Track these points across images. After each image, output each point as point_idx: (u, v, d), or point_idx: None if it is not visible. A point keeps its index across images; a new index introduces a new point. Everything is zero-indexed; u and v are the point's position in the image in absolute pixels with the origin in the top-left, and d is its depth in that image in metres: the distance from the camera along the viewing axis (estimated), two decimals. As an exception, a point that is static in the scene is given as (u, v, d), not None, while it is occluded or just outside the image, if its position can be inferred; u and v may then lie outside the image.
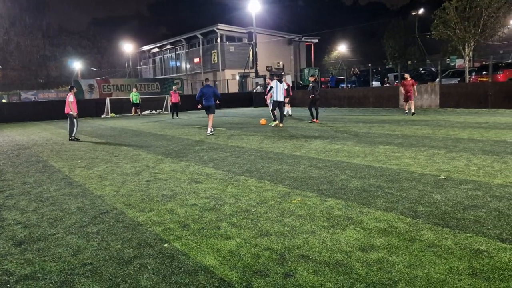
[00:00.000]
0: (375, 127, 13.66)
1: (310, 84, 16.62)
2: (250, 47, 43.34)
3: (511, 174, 6.04)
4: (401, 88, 19.26)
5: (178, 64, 53.25)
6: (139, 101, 27.59)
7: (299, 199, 5.19)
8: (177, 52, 53.08)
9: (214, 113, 13.79)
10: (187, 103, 28.82)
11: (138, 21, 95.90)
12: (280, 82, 15.17)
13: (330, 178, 6.31)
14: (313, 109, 16.43)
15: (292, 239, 3.87)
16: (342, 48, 66.39)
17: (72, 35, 78.77)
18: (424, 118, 16.28)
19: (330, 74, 41.17)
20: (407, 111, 18.63)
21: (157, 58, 57.55)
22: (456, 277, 2.97)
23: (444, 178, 5.98)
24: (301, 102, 29.94)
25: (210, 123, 13.70)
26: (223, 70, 44.64)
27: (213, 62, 46.17)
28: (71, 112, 13.37)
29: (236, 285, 3.01)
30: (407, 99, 18.44)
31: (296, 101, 29.88)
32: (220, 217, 4.65)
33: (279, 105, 15.26)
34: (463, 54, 24.66)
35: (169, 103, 25.99)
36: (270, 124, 15.92)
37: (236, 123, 18.40)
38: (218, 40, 44.75)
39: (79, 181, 7.02)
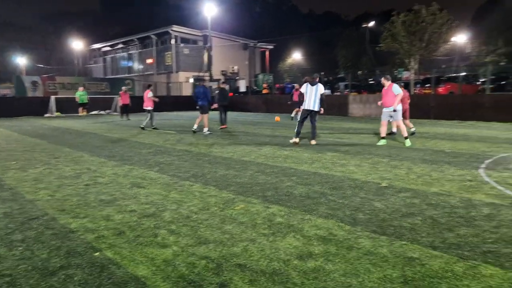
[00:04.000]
0: (325, 134, 13.91)
1: (217, 91, 16.64)
2: (205, 50, 43.03)
3: (447, 182, 6.30)
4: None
5: (130, 64, 51.83)
6: (87, 101, 26.48)
7: (242, 206, 5.12)
8: (129, 52, 51.67)
9: (206, 113, 14.12)
10: (139, 105, 28.02)
11: (91, 18, 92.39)
12: (313, 84, 10.99)
13: (276, 185, 6.29)
14: (222, 114, 16.40)
15: (231, 247, 3.78)
16: (296, 56, 67.47)
17: (19, 30, 74.70)
18: (372, 126, 16.79)
19: (285, 81, 41.71)
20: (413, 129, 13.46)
21: (108, 57, 55.71)
22: (388, 285, 3.00)
23: (385, 186, 6.13)
24: (256, 107, 30.08)
25: (203, 122, 14.17)
26: (177, 72, 43.96)
27: (166, 63, 45.38)
28: None
29: (167, 297, 2.88)
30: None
31: (249, 106, 29.95)
32: (159, 224, 4.48)
33: (310, 115, 11.12)
34: (409, 66, 25.79)
35: (119, 104, 25.09)
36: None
37: (188, 126, 18.10)
38: (173, 41, 44.07)
39: (11, 184, 6.55)
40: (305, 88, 11.06)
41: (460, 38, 47.01)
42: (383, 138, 11.17)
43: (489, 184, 6.18)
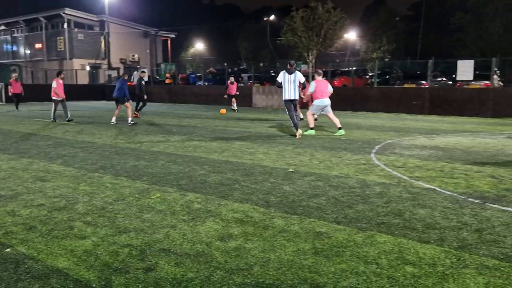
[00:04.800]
0: (231, 124, 14.26)
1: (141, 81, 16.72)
2: (103, 37, 40.70)
3: (345, 166, 7.00)
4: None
5: (14, 48, 46.88)
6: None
7: (158, 195, 5.16)
8: (13, 35, 46.66)
9: (122, 104, 13.97)
10: (28, 94, 25.61)
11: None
12: (290, 73, 10.53)
13: (189, 173, 6.40)
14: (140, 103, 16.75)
15: (153, 234, 3.85)
16: (199, 46, 67.09)
17: None
18: (276, 117, 17.59)
19: (188, 71, 41.31)
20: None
21: (-13, 40, 49.73)
22: (302, 257, 3.36)
23: (292, 171, 6.61)
24: (159, 97, 29.41)
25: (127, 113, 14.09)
26: (71, 59, 40.90)
27: (59, 49, 41.95)
28: None
29: (94, 285, 2.89)
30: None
31: (152, 96, 29.18)
32: (73, 216, 4.35)
33: (293, 104, 10.74)
34: (307, 60, 27.37)
35: (9, 93, 22.40)
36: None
37: (87, 117, 17.16)
38: (65, 26, 40.85)
39: None
40: (282, 78, 10.56)
41: (351, 35, 50.98)
42: (311, 128, 11.45)
43: (379, 166, 7.01)
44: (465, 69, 18.84)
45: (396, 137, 10.93)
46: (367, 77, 27.37)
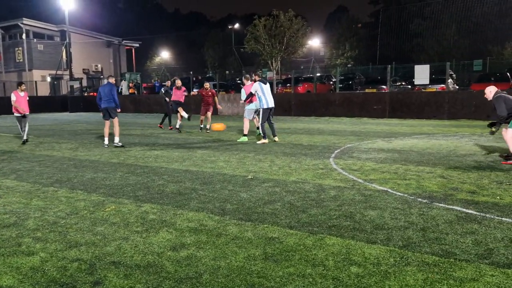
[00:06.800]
0: (194, 132, 14.23)
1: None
2: (64, 47, 39.76)
3: (303, 171, 7.13)
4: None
5: (-30, 60, 45.04)
6: None
7: (113, 207, 5.11)
8: (-32, 46, 44.88)
9: (116, 117, 10.94)
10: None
11: None
12: (265, 83, 11.21)
13: (147, 184, 6.36)
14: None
15: (104, 247, 3.81)
16: (164, 55, 66.56)
17: None
18: (240, 124, 17.67)
19: (153, 80, 40.89)
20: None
21: None
22: (252, 262, 3.42)
23: (251, 178, 6.68)
24: (123, 108, 28.87)
25: (112, 130, 11.08)
26: (30, 70, 39.75)
27: (17, 60, 40.71)
28: None
29: (37, 302, 2.84)
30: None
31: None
32: (22, 232, 4.24)
33: (270, 112, 11.20)
34: (271, 67, 27.69)
35: None
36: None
37: (47, 129, 16.70)
38: (24, 36, 39.70)
39: None
40: (260, 87, 10.93)
41: (315, 42, 51.98)
42: (245, 135, 11.81)
43: (337, 170, 7.19)
44: (422, 74, 19.57)
45: (356, 141, 11.22)
46: (331, 83, 27.95)
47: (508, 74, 22.95)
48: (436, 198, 5.29)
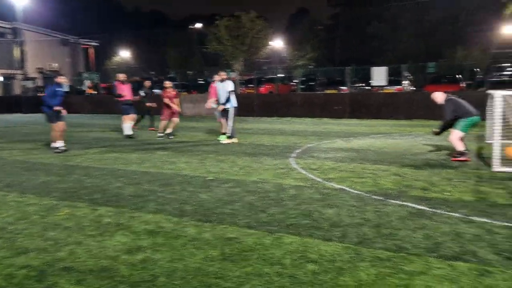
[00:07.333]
0: (154, 133, 13.98)
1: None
2: (16, 45, 38.04)
3: (264, 171, 7.16)
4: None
5: None
6: None
7: (67, 211, 4.93)
8: None
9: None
10: None
11: None
12: (222, 81, 11.25)
13: (104, 187, 6.19)
14: None
15: (56, 252, 3.67)
16: (124, 54, 65.00)
17: None
18: (202, 125, 17.55)
19: (113, 80, 39.87)
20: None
21: None
22: (209, 263, 3.40)
23: (211, 179, 6.64)
24: (80, 108, 28.03)
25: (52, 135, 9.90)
26: (-21, 69, 37.72)
27: (-35, 59, 38.51)
28: None
29: (-19, 312, 2.70)
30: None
31: (73, 106, 27.76)
32: (-34, 240, 4.02)
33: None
34: (234, 68, 27.68)
35: None
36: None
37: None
38: (-28, 33, 37.68)
39: None
40: (233, 87, 11.35)
41: (278, 43, 52.36)
42: (223, 133, 11.55)
43: (297, 170, 7.28)
44: (379, 75, 20.17)
45: (316, 141, 11.39)
46: (293, 83, 28.29)
47: (458, 76, 24.06)
48: (391, 195, 5.46)
